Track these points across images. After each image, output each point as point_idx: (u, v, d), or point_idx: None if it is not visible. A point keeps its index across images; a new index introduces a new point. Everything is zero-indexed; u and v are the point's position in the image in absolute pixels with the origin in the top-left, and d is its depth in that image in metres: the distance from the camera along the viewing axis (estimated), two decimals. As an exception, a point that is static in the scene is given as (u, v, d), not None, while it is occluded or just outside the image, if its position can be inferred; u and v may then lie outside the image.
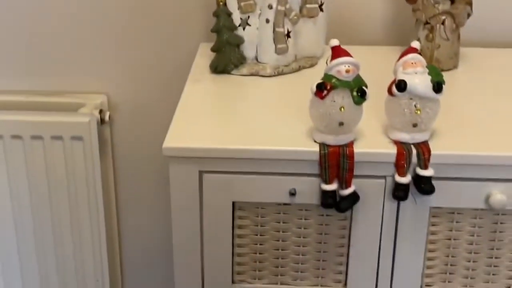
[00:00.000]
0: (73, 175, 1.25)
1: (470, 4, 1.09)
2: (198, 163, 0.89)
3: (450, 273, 0.93)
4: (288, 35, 1.09)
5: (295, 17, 1.09)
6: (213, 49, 1.10)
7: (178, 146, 0.88)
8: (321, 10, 1.12)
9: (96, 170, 1.25)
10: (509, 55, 1.17)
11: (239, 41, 1.09)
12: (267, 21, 1.08)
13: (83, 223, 1.29)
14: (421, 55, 0.88)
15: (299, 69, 1.12)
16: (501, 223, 0.90)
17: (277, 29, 1.08)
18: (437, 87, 0.84)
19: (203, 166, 0.89)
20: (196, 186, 0.89)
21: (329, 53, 0.86)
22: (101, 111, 1.27)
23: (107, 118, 1.28)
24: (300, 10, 1.10)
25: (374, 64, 0.94)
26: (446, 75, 1.06)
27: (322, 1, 1.11)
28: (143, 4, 1.25)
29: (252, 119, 0.96)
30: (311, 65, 1.13)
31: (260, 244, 0.94)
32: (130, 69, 1.30)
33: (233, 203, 0.91)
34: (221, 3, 1.07)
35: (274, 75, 1.10)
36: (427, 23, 1.10)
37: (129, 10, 1.26)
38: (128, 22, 1.27)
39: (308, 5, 1.10)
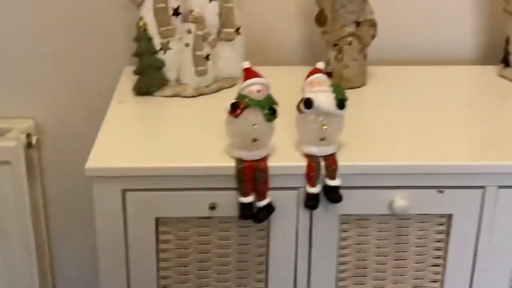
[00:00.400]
0: (1, 200, 1.26)
1: (374, 26, 1.18)
2: (121, 182, 0.93)
3: (362, 276, 1.01)
4: (207, 58, 1.15)
5: (213, 41, 1.15)
6: (135, 72, 1.15)
7: (100, 166, 0.93)
8: (238, 33, 1.18)
9: (25, 194, 1.27)
10: (411, 71, 1.26)
11: (161, 64, 1.15)
12: (187, 45, 1.14)
13: (13, 249, 1.29)
14: (329, 75, 0.95)
15: (219, 89, 1.18)
16: (405, 226, 0.98)
17: (196, 53, 1.14)
18: (340, 103, 0.91)
19: (126, 185, 0.93)
20: (119, 204, 0.94)
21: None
22: (28, 135, 1.29)
23: (34, 142, 1.30)
24: (218, 34, 1.16)
25: (289, 84, 1.01)
26: (355, 92, 1.16)
27: (239, 25, 1.18)
28: (68, 29, 1.28)
29: (174, 138, 1.01)
30: (231, 86, 1.19)
31: (184, 257, 0.99)
32: (56, 93, 1.32)
33: (156, 219, 0.95)
34: (141, 29, 1.12)
35: (195, 96, 1.15)
36: (335, 44, 1.18)
37: (53, 35, 1.29)
38: (53, 47, 1.29)
39: (225, 29, 1.16)
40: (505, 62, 1.22)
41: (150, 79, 1.14)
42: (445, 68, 1.28)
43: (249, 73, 0.91)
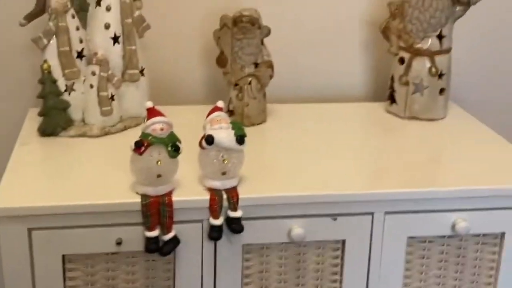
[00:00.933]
0: None
1: (271, 67, 1.26)
2: (27, 221, 0.94)
3: (265, 302, 1.06)
4: (112, 98, 1.19)
5: (118, 82, 1.19)
6: (40, 114, 1.16)
7: (5, 206, 0.94)
8: (142, 74, 1.23)
9: None
10: (307, 108, 1.35)
11: (66, 106, 1.17)
12: (91, 86, 1.17)
13: None
14: (231, 113, 1.00)
15: (125, 128, 1.21)
16: (303, 253, 1.04)
17: (101, 93, 1.17)
18: (240, 139, 0.97)
19: (32, 224, 0.95)
20: (26, 243, 0.95)
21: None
22: None
23: None
24: (123, 75, 1.21)
25: (191, 122, 1.06)
26: (255, 129, 1.22)
27: (143, 67, 1.23)
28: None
29: (79, 176, 1.03)
30: (137, 125, 1.23)
31: (92, 293, 1.00)
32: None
33: (63, 256, 0.97)
34: (46, 71, 1.15)
35: (101, 135, 1.18)
36: (236, 84, 1.25)
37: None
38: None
39: (129, 71, 1.21)
40: (391, 99, 1.34)
41: (55, 120, 1.16)
42: (337, 105, 1.38)
43: (152, 112, 0.96)
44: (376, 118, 1.32)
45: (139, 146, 0.93)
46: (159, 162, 0.94)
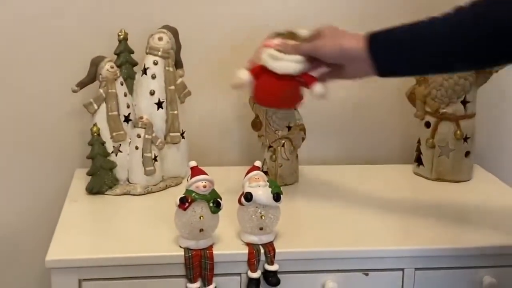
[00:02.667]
0: None
1: (304, 130, 1.33)
2: (78, 272, 1.01)
3: None
4: (155, 159, 1.27)
5: (161, 144, 1.28)
6: (89, 173, 1.24)
7: (58, 258, 1.00)
8: (183, 137, 1.31)
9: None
10: (337, 170, 1.41)
11: (112, 166, 1.25)
12: (136, 148, 1.25)
13: None
14: (265, 173, 1.07)
15: (166, 187, 1.29)
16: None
17: (145, 154, 1.26)
18: (276, 197, 1.03)
19: (82, 275, 1.01)
20: (76, 293, 1.01)
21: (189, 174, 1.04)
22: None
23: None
24: (165, 138, 1.29)
25: (229, 181, 1.13)
26: (288, 189, 1.29)
27: (183, 130, 1.31)
28: (23, 136, 1.39)
29: (125, 231, 1.10)
30: (177, 184, 1.30)
31: None
32: (10, 192, 1.40)
33: (111, 306, 1.03)
34: (95, 134, 1.24)
35: (144, 194, 1.26)
36: (270, 146, 1.32)
37: (13, 144, 1.38)
38: (9, 156, 1.39)
39: (171, 134, 1.29)
40: (418, 161, 1.39)
41: (102, 179, 1.24)
42: (366, 167, 1.44)
43: (195, 171, 1.03)
44: (404, 179, 1.38)
45: (184, 202, 1.00)
46: (201, 217, 1.00)
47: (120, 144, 1.25)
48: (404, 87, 1.39)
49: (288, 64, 1.08)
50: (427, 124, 1.36)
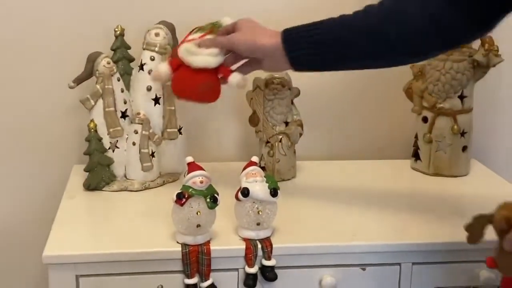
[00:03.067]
0: None
1: (301, 125, 1.33)
2: (75, 268, 1.01)
3: None
4: (152, 155, 1.27)
5: (158, 140, 1.27)
6: (86, 169, 1.24)
7: (57, 254, 1.00)
8: (180, 133, 1.31)
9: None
10: (334, 165, 1.42)
11: (109, 162, 1.25)
12: (134, 144, 1.25)
13: None
14: (263, 168, 1.07)
15: (163, 183, 1.29)
16: (335, 302, 1.09)
17: (142, 150, 1.25)
18: (273, 192, 1.03)
19: (79, 271, 1.01)
20: (73, 289, 1.01)
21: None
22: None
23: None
24: (162, 134, 1.29)
25: (226, 177, 1.13)
26: (286, 184, 1.29)
27: (181, 126, 1.31)
28: (20, 132, 1.39)
29: (123, 227, 1.10)
30: (174, 180, 1.30)
31: None
32: (7, 188, 1.40)
33: (108, 302, 1.03)
34: (92, 130, 1.23)
35: (141, 190, 1.26)
36: (268, 142, 1.32)
37: (10, 141, 1.38)
38: (9, 152, 1.39)
39: (168, 130, 1.29)
40: (415, 156, 1.40)
41: (99, 175, 1.24)
42: (363, 162, 1.44)
43: (192, 167, 1.03)
44: (402, 174, 1.38)
45: (180, 198, 1.00)
46: (198, 213, 1.00)
47: (117, 140, 1.25)
48: (401, 82, 1.39)
49: (203, 58, 1.09)
50: (425, 119, 1.36)
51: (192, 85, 1.11)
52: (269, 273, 1.03)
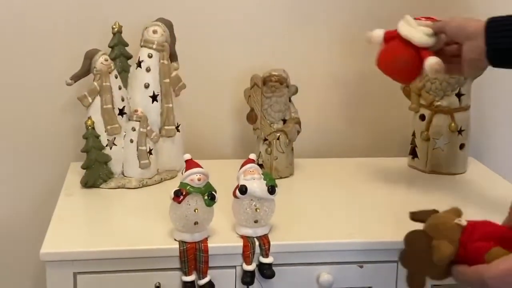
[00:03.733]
0: None
1: (299, 123, 1.33)
2: (72, 266, 1.01)
3: None
4: (150, 152, 1.27)
5: (156, 137, 1.27)
6: (83, 167, 1.24)
7: (54, 251, 1.00)
8: (178, 130, 1.31)
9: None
10: (332, 163, 1.42)
11: (107, 159, 1.25)
12: (131, 141, 1.25)
13: None
14: (260, 166, 1.08)
15: (161, 181, 1.29)
16: (331, 300, 1.09)
17: (140, 148, 1.25)
18: (271, 189, 1.03)
19: (77, 268, 1.01)
20: (71, 286, 1.01)
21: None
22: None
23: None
24: (160, 131, 1.29)
25: (223, 174, 1.13)
26: (284, 182, 1.29)
27: (178, 123, 1.31)
28: (17, 129, 1.38)
29: (120, 225, 1.10)
30: (172, 177, 1.30)
31: (131, 336, 1.05)
32: (4, 185, 1.40)
33: (106, 300, 1.03)
34: (90, 127, 1.23)
35: (139, 187, 1.25)
36: (265, 139, 1.32)
37: (7, 137, 1.38)
38: (6, 149, 1.38)
39: (166, 127, 1.29)
40: (413, 154, 1.40)
41: (97, 172, 1.24)
42: (361, 159, 1.44)
43: (190, 164, 1.03)
44: (399, 172, 1.38)
45: (178, 195, 1.00)
46: (196, 210, 1.00)
47: (115, 138, 1.25)
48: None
49: (420, 34, 1.08)
50: (422, 117, 1.36)
51: (397, 57, 1.10)
52: (266, 270, 1.03)
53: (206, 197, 1.01)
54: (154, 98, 1.26)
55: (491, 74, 1.36)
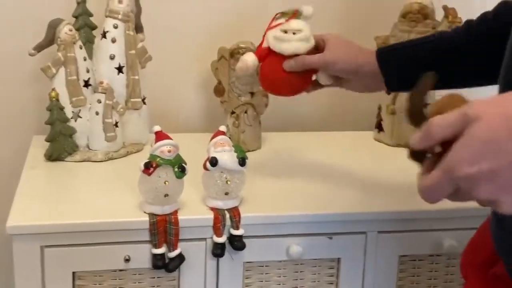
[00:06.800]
0: None
1: (267, 96, 1.33)
2: (39, 239, 0.99)
3: (264, 319, 1.11)
4: (116, 125, 1.25)
5: (122, 110, 1.25)
6: (47, 140, 1.21)
7: (20, 224, 0.98)
8: (144, 103, 1.29)
9: None
10: (299, 137, 1.42)
11: (72, 132, 1.22)
12: (97, 113, 1.23)
13: None
14: (229, 138, 1.07)
15: (127, 154, 1.27)
16: (300, 271, 1.09)
17: (106, 120, 1.23)
18: (242, 161, 1.03)
19: (44, 242, 0.99)
20: (38, 260, 0.99)
21: (152, 140, 1.03)
22: None
23: None
24: (126, 103, 1.27)
25: (190, 148, 1.12)
26: (251, 155, 1.28)
27: (145, 96, 1.29)
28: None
29: (87, 198, 1.08)
30: (138, 151, 1.29)
31: (99, 310, 1.04)
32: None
33: (73, 273, 1.01)
34: (54, 99, 1.20)
35: (104, 160, 1.23)
36: (233, 112, 1.31)
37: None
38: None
39: (132, 99, 1.27)
40: (378, 127, 1.41)
41: (61, 145, 1.21)
42: (327, 133, 1.45)
43: (160, 136, 1.01)
44: (365, 145, 1.40)
45: (148, 167, 0.98)
46: (166, 182, 0.99)
47: (80, 110, 1.22)
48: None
49: (294, 44, 1.02)
50: (388, 91, 1.37)
51: (283, 74, 1.03)
52: (237, 242, 1.03)
53: (176, 169, 1.00)
54: (119, 69, 1.24)
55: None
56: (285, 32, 1.03)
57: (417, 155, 0.67)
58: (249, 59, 1.04)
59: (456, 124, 0.58)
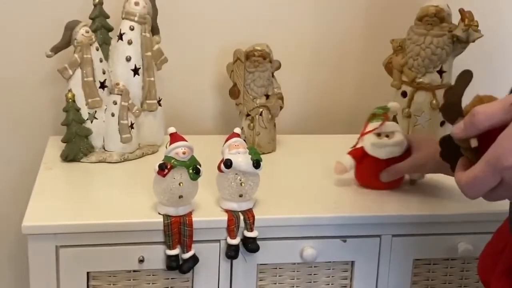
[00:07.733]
0: None
1: (282, 98, 1.33)
2: (55, 239, 0.99)
3: (278, 321, 1.10)
4: (131, 127, 1.25)
5: (137, 111, 1.26)
6: (63, 140, 1.22)
7: (36, 224, 0.99)
8: (160, 105, 1.29)
9: None
10: (314, 139, 1.42)
11: (88, 133, 1.23)
12: (113, 114, 1.24)
13: None
14: (244, 140, 1.07)
15: (142, 155, 1.28)
16: (314, 274, 1.09)
17: (121, 122, 1.24)
18: (256, 164, 1.03)
19: (59, 242, 1.00)
20: (53, 260, 0.99)
21: (167, 141, 1.03)
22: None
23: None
24: (141, 105, 1.27)
25: (206, 149, 1.12)
26: (266, 157, 1.28)
27: (160, 98, 1.30)
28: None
29: (102, 198, 1.09)
30: (153, 152, 1.29)
31: (113, 310, 1.05)
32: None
33: (88, 274, 1.02)
34: (70, 100, 1.21)
35: (120, 161, 1.24)
36: (248, 114, 1.31)
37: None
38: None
39: (148, 101, 1.27)
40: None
41: (77, 146, 1.22)
42: (345, 136, 1.44)
43: (175, 137, 1.02)
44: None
45: (163, 169, 0.99)
46: (180, 184, 1.00)
47: (96, 111, 1.23)
48: (381, 57, 1.39)
49: (390, 149, 1.12)
50: (404, 94, 1.37)
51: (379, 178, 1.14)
52: (251, 245, 1.03)
53: (191, 171, 1.00)
54: (135, 71, 1.25)
55: (472, 53, 1.37)
56: (379, 135, 1.13)
57: (449, 152, 0.67)
58: (347, 161, 1.15)
59: (501, 114, 0.57)
